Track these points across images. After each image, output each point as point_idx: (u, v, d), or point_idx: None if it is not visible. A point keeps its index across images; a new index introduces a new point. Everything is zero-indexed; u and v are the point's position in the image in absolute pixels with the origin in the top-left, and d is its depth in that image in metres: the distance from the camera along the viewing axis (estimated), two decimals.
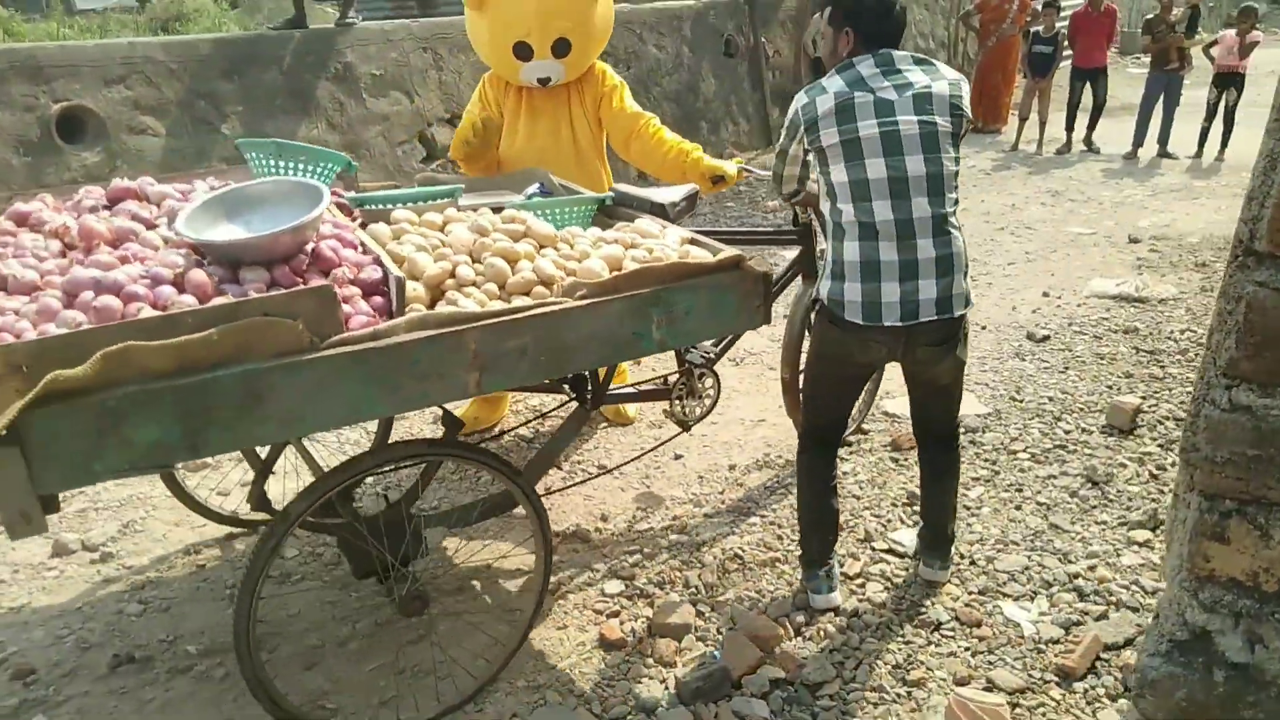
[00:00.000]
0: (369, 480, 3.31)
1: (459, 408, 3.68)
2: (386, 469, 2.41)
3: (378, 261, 2.07)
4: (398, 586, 2.30)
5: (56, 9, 16.27)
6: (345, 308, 1.91)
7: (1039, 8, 10.32)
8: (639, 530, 3.16)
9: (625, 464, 3.49)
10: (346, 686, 2.44)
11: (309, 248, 2.05)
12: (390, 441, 3.20)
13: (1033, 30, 9.93)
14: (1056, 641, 2.53)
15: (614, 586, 2.84)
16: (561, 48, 3.23)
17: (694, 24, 9.09)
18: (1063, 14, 9.91)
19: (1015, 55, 10.83)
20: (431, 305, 2.06)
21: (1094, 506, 3.17)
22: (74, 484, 1.66)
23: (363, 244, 2.15)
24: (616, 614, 2.73)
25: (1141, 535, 2.98)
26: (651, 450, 3.51)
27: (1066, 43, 9.77)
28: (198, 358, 1.67)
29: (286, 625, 2.69)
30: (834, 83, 2.35)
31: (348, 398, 1.81)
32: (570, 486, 3.40)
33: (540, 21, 3.17)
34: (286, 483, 3.12)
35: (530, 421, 3.80)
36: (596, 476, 3.44)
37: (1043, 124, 9.89)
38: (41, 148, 4.89)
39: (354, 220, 2.38)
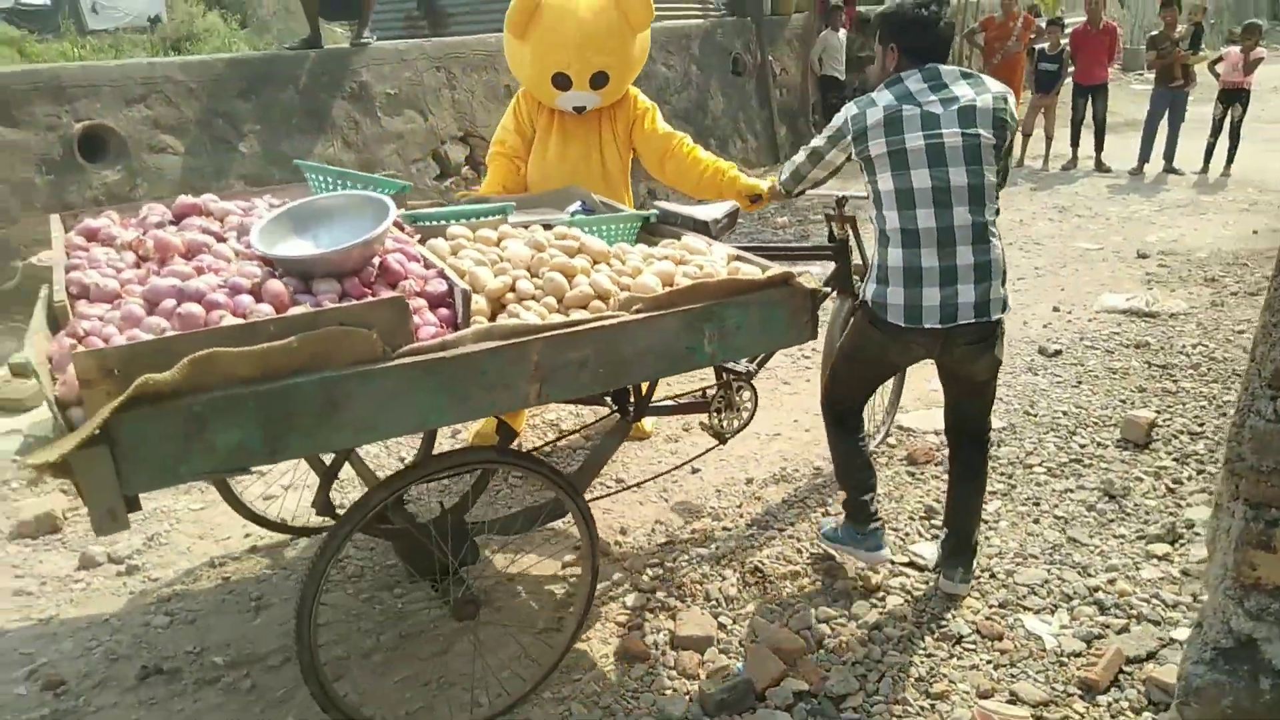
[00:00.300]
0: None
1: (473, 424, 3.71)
2: (442, 476, 2.45)
3: (442, 275, 2.13)
4: (453, 590, 2.33)
5: (69, 30, 16.44)
6: (414, 319, 1.96)
7: (1044, 25, 10.40)
8: (659, 544, 3.18)
9: (647, 481, 3.51)
10: (372, 698, 2.45)
11: (377, 261, 2.11)
12: (446, 450, 3.25)
13: (1037, 48, 10.01)
14: (1078, 654, 2.55)
15: (635, 599, 2.86)
16: (599, 80, 3.27)
17: (702, 42, 9.18)
18: (1066, 31, 9.98)
19: (1020, 72, 10.90)
20: (492, 318, 2.12)
21: (1112, 520, 3.19)
22: (159, 485, 1.71)
23: (424, 258, 2.20)
24: (639, 626, 2.75)
25: (1160, 549, 2.99)
26: (675, 469, 3.54)
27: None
28: (279, 365, 1.72)
29: None
30: (883, 96, 2.50)
31: (418, 406, 1.86)
32: (591, 500, 3.42)
33: (581, 55, 3.20)
34: (303, 496, 3.16)
35: (566, 436, 3.83)
36: (616, 492, 3.46)
37: (1049, 140, 9.95)
38: (64, 166, 4.95)
39: (411, 236, 2.43)
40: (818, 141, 2.68)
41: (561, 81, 3.25)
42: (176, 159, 5.41)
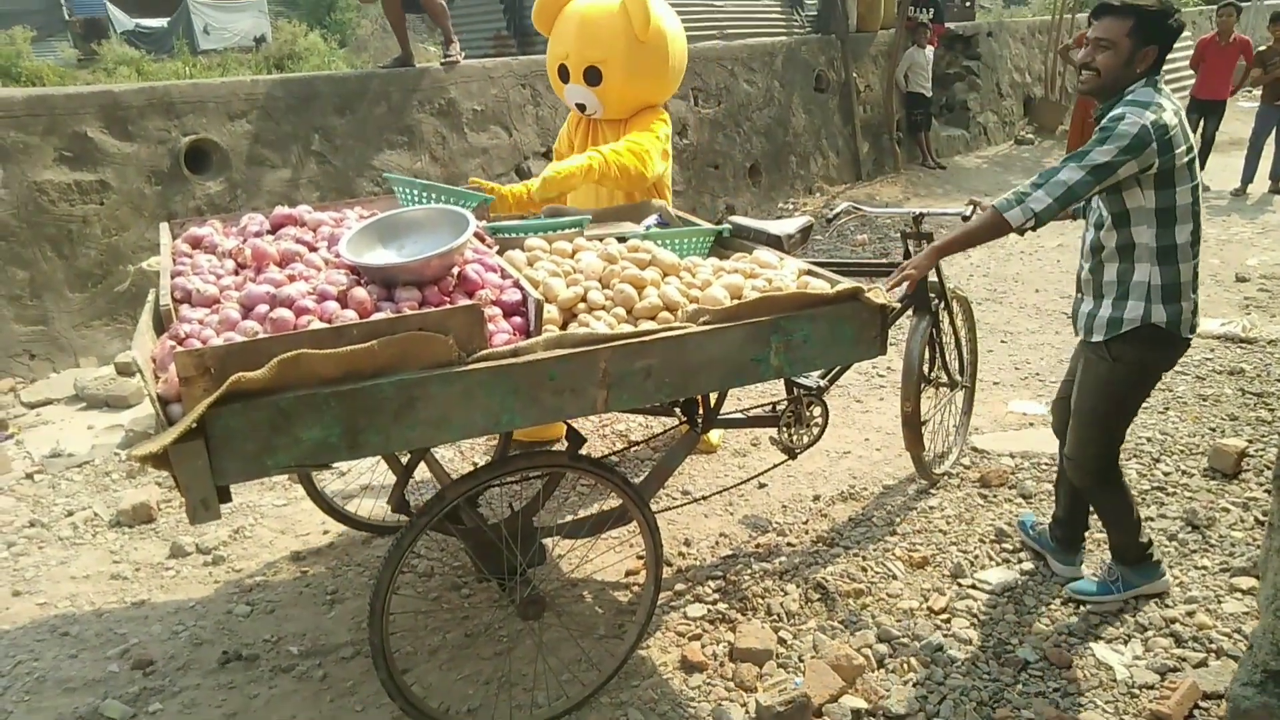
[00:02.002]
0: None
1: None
2: (513, 479, 2.53)
3: (517, 285, 2.21)
4: (519, 590, 2.40)
5: (182, 50, 17.37)
6: (489, 326, 2.05)
7: None
8: (722, 556, 3.20)
9: (714, 494, 3.53)
10: (436, 692, 2.53)
11: (455, 270, 2.21)
12: (518, 453, 3.34)
13: None
14: (1151, 687, 2.46)
15: (696, 610, 2.88)
16: (592, 76, 3.41)
17: (785, 59, 9.18)
18: (1177, 46, 9.61)
19: None
20: (564, 327, 2.20)
21: (1194, 551, 3.07)
22: (248, 476, 1.82)
23: (501, 269, 2.29)
24: (698, 637, 2.76)
25: (1245, 582, 2.87)
26: (742, 483, 3.55)
27: (1192, 74, 9.45)
28: (361, 366, 1.83)
29: None
30: (1164, 98, 2.39)
31: (490, 409, 1.95)
32: (657, 511, 3.45)
33: (576, 47, 3.41)
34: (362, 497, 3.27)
35: (634, 446, 3.88)
36: (683, 504, 3.49)
37: None
38: (170, 177, 5.25)
39: (491, 247, 2.53)
40: (1101, 158, 2.33)
41: (563, 73, 3.48)
42: (274, 171, 5.67)
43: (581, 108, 3.54)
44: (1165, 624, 2.70)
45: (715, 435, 3.96)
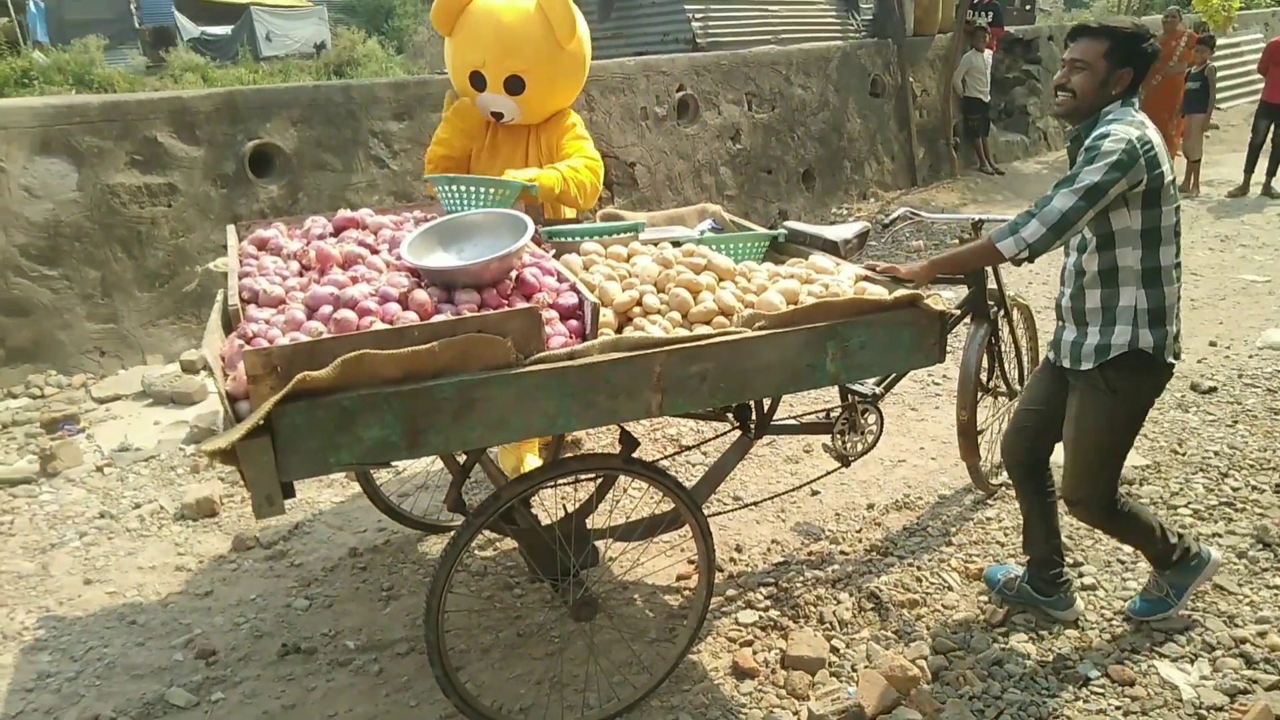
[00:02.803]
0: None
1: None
2: (565, 481, 2.55)
3: (574, 288, 2.24)
4: (572, 592, 2.42)
5: (246, 56, 17.81)
6: (546, 329, 2.07)
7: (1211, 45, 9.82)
8: (774, 563, 3.18)
9: (765, 500, 3.52)
10: (489, 691, 2.55)
11: (513, 274, 2.24)
12: (572, 455, 3.36)
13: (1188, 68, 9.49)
14: (1219, 708, 2.39)
15: (748, 616, 2.87)
16: (514, 85, 3.21)
17: (840, 64, 9.11)
18: (1244, 50, 9.36)
19: (1181, 94, 10.32)
20: (619, 330, 2.21)
21: (1265, 569, 2.98)
22: (311, 473, 1.87)
23: (558, 272, 2.31)
24: (750, 643, 2.75)
25: None
26: (795, 489, 3.53)
27: (1260, 78, 9.21)
28: (421, 367, 1.87)
29: None
30: (1141, 120, 2.37)
31: (546, 410, 1.97)
32: (709, 516, 3.45)
33: (495, 55, 3.16)
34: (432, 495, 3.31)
35: (686, 450, 3.87)
36: (734, 509, 3.48)
37: (1195, 163, 9.36)
38: (235, 180, 5.39)
39: (548, 251, 2.56)
40: (1091, 178, 2.26)
41: (477, 81, 3.23)
42: (334, 175, 5.79)
43: (498, 116, 3.32)
44: (1235, 644, 2.62)
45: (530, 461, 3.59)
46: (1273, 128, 8.95)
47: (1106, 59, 2.37)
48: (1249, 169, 9.21)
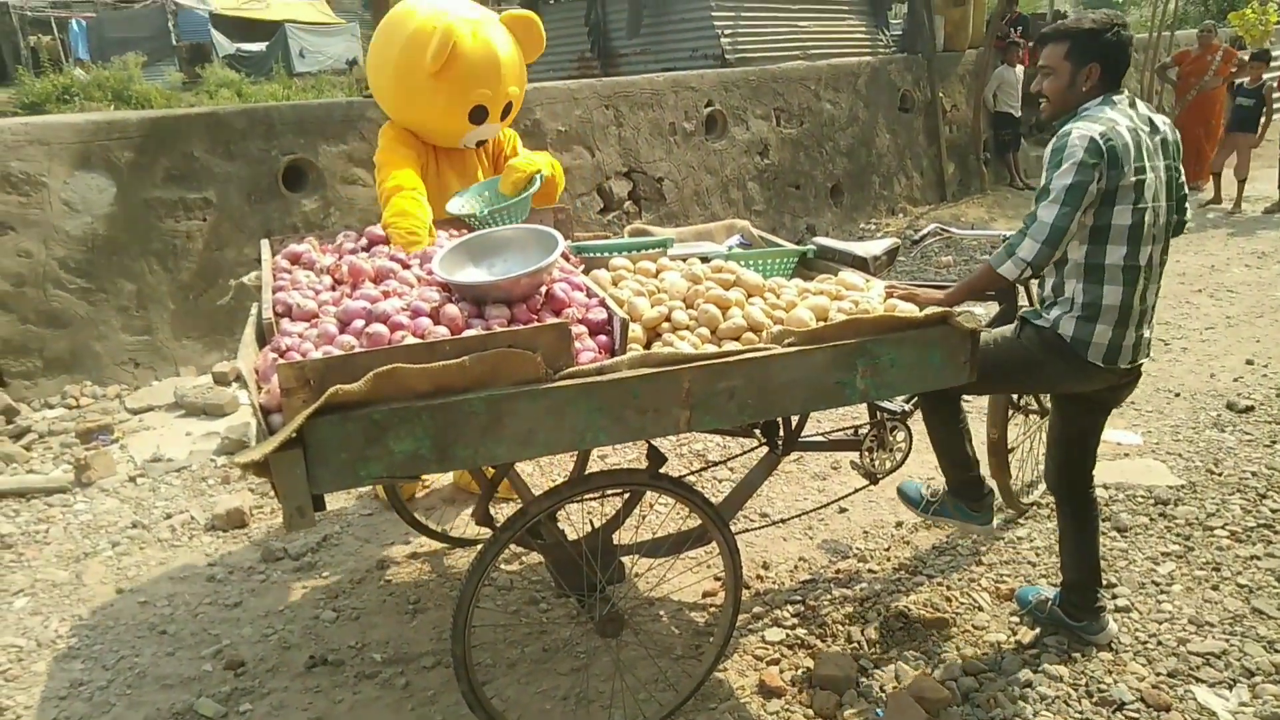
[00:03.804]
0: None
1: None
2: (592, 496, 2.55)
3: (603, 304, 2.25)
4: (599, 607, 2.41)
5: (279, 73, 18.10)
6: (575, 344, 2.08)
7: (1245, 59, 9.69)
8: (801, 581, 3.15)
9: (793, 517, 3.49)
10: (515, 706, 2.55)
11: (543, 289, 2.26)
12: (600, 470, 3.36)
13: (1237, 83, 9.33)
14: None
15: (775, 634, 2.85)
16: (507, 111, 3.27)
17: (870, 79, 9.10)
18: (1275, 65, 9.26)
19: (1219, 110, 10.18)
20: (648, 346, 2.21)
21: None
22: (341, 486, 1.88)
23: (588, 288, 2.32)
24: (776, 661, 2.73)
25: None
26: (822, 507, 3.50)
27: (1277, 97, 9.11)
28: (452, 381, 1.88)
29: None
30: (1119, 115, 2.34)
31: (575, 425, 1.97)
32: (735, 533, 3.43)
33: (499, 86, 3.16)
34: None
35: (712, 466, 3.86)
36: (761, 527, 3.46)
37: (1242, 182, 9.21)
38: (269, 195, 5.46)
39: (577, 266, 2.58)
40: (1063, 180, 2.26)
41: (479, 115, 3.17)
42: (366, 190, 5.85)
43: (481, 144, 3.35)
44: (1275, 669, 2.56)
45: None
46: None
47: (1068, 60, 2.39)
48: None
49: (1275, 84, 9.12)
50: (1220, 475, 3.74)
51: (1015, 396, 3.35)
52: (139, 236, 5.04)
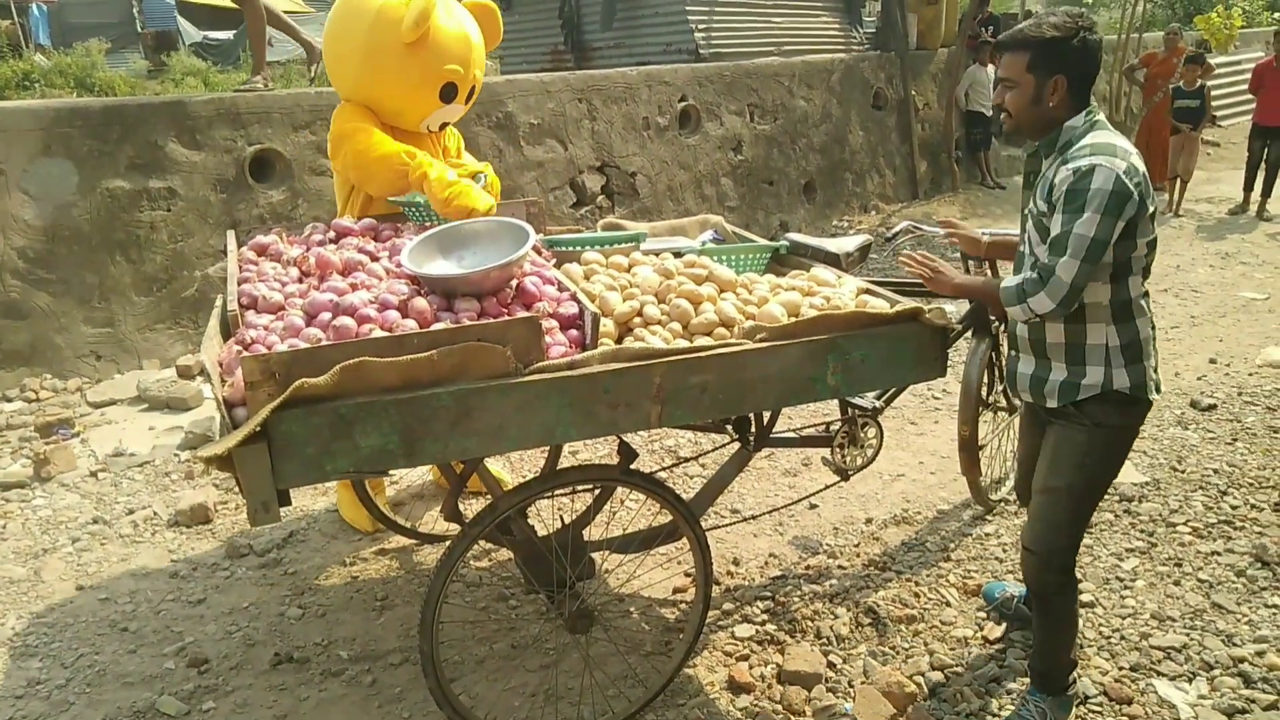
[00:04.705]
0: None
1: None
2: (562, 492, 2.53)
3: (574, 298, 2.23)
4: (568, 603, 2.40)
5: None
6: (545, 338, 2.06)
7: (1213, 63, 9.85)
8: (771, 577, 3.16)
9: (763, 514, 3.50)
10: (483, 703, 2.53)
11: (514, 283, 2.23)
12: (570, 466, 3.35)
13: (1173, 85, 9.51)
14: None
15: (745, 630, 2.85)
16: (470, 94, 3.25)
17: (843, 76, 9.13)
18: (1244, 67, 9.39)
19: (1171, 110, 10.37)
20: (619, 341, 2.20)
21: (1264, 588, 2.96)
22: (307, 481, 1.85)
23: (559, 281, 2.30)
24: (746, 657, 2.73)
25: None
26: (793, 503, 3.51)
27: (1252, 98, 9.26)
28: (420, 375, 1.86)
29: None
30: (1116, 137, 2.12)
31: (545, 420, 1.96)
32: (706, 529, 3.43)
33: (469, 66, 3.13)
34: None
35: (684, 461, 3.85)
36: (732, 523, 3.46)
37: (1184, 182, 9.39)
38: (235, 185, 5.38)
39: (548, 260, 2.55)
40: (1087, 232, 2.01)
41: (449, 93, 3.12)
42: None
43: (443, 126, 3.31)
44: (1233, 663, 2.60)
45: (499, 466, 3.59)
46: (1266, 149, 8.97)
47: (1031, 72, 2.14)
48: (1248, 187, 9.23)
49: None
50: (1184, 472, 3.79)
51: (984, 393, 3.38)
52: (101, 227, 4.94)
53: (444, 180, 2.78)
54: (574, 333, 2.16)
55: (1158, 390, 2.25)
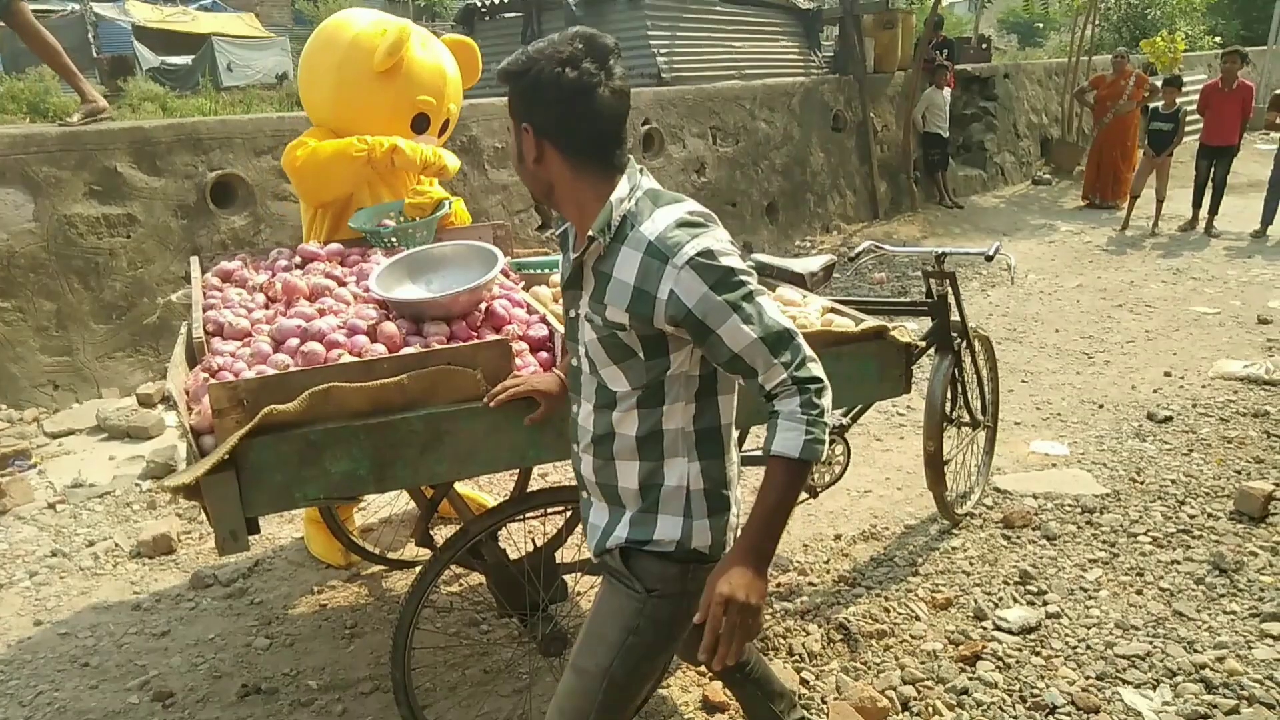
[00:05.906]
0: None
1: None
2: (533, 515, 2.53)
3: (544, 320, 2.23)
4: (541, 626, 2.39)
5: (206, 86, 17.66)
6: (516, 360, 2.06)
7: (1158, 84, 10.13)
8: None
9: None
10: None
11: (483, 306, 2.24)
12: (539, 489, 3.33)
13: (1152, 106, 9.74)
14: None
15: None
16: (444, 127, 3.25)
17: (803, 99, 9.27)
18: (1188, 90, 9.67)
19: (1134, 132, 10.62)
20: None
21: (1222, 595, 3.03)
22: (277, 508, 1.84)
23: (528, 304, 2.31)
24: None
25: (1276, 628, 2.82)
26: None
27: (1199, 119, 9.51)
28: (389, 400, 1.86)
29: None
30: (680, 201, 1.61)
31: (515, 443, 1.96)
32: None
33: (442, 98, 3.14)
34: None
35: None
36: None
37: (1160, 201, 9.60)
38: (196, 211, 5.32)
39: (517, 283, 2.56)
40: (768, 316, 1.53)
41: (420, 123, 3.13)
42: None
43: None
44: (1195, 669, 2.66)
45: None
46: (1213, 169, 9.24)
47: (514, 118, 1.52)
48: (1196, 204, 9.49)
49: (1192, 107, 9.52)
50: (1143, 483, 3.87)
51: (948, 409, 3.43)
52: (58, 254, 4.86)
53: (414, 147, 2.95)
54: (544, 355, 2.18)
55: (724, 549, 1.65)
